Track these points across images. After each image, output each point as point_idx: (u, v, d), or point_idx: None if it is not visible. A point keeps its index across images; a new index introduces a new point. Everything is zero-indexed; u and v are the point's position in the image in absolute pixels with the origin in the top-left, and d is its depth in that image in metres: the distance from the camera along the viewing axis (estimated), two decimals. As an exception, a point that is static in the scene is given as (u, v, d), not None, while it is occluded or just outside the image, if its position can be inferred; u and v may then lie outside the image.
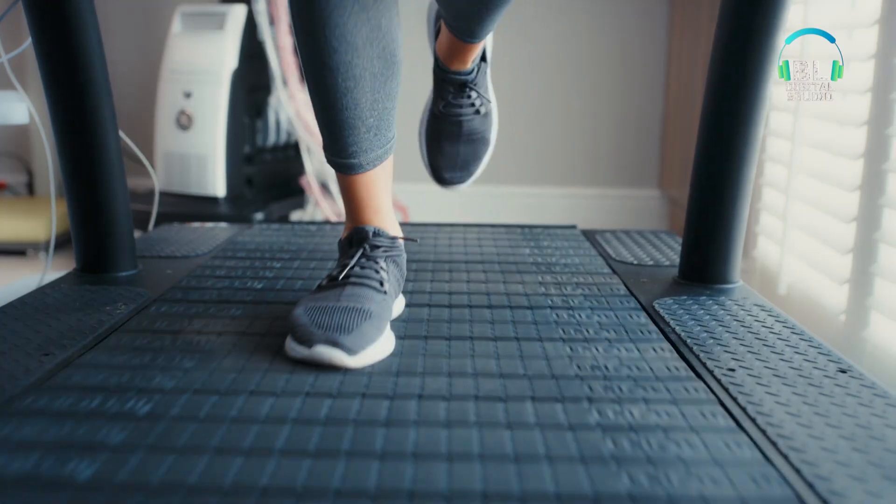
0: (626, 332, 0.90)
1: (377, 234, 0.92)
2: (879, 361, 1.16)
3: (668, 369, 0.79)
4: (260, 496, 0.56)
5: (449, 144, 1.18)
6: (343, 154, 0.92)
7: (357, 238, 0.93)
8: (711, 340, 0.88)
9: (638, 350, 0.85)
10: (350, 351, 0.79)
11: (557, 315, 0.96)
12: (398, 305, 0.98)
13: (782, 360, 0.82)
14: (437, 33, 1.21)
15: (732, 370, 0.79)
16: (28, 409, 0.68)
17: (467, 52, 1.13)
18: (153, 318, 0.93)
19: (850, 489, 0.57)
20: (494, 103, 1.20)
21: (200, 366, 0.78)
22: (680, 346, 0.86)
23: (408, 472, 0.59)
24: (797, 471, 0.60)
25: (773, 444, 0.64)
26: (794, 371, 0.79)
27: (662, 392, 0.74)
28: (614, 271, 1.18)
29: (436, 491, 0.57)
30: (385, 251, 0.92)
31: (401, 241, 0.96)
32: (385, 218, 0.95)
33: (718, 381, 0.77)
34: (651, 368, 0.80)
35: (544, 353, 0.83)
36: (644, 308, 1.00)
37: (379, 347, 0.82)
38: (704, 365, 0.81)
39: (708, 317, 0.96)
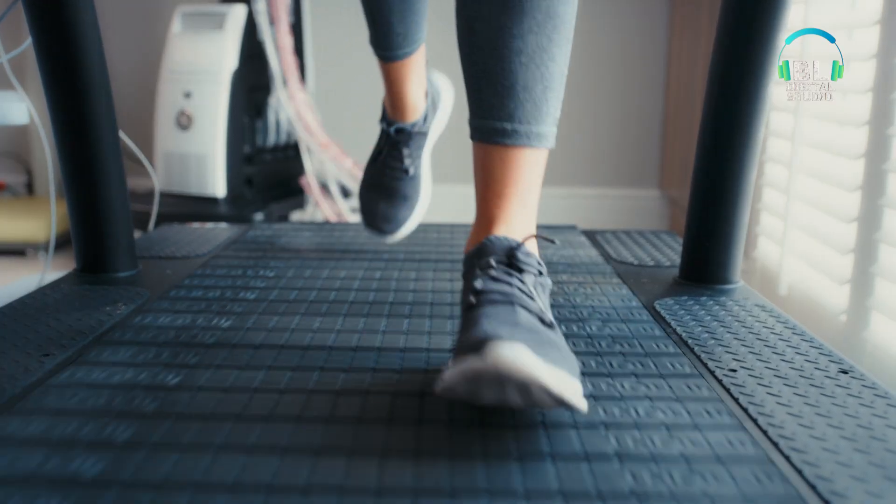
0: (630, 332, 0.90)
1: (400, 130, 1.15)
2: (880, 362, 1.16)
3: (672, 367, 0.79)
4: (267, 492, 0.55)
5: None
6: (379, 48, 1.10)
7: (385, 132, 1.18)
8: (713, 341, 0.88)
9: (642, 349, 0.85)
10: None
11: (559, 312, 0.96)
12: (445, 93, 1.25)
13: (783, 360, 0.82)
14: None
15: (734, 371, 0.79)
16: (28, 410, 0.68)
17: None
18: (153, 318, 0.93)
19: (852, 490, 0.57)
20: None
21: (202, 365, 0.78)
22: (681, 347, 0.86)
23: (408, 472, 0.59)
24: (799, 471, 0.60)
25: (775, 444, 0.64)
26: (795, 372, 0.79)
27: (665, 390, 0.74)
28: (615, 272, 1.18)
29: (440, 488, 0.56)
30: (408, 136, 1.15)
31: (422, 116, 1.17)
32: (410, 99, 1.15)
33: (720, 381, 0.77)
34: (655, 367, 0.79)
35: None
36: (645, 308, 1.00)
37: (412, 222, 1.19)
38: (706, 365, 0.81)
39: (709, 317, 0.96)
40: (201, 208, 2.10)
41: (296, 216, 2.36)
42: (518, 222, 0.78)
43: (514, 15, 0.76)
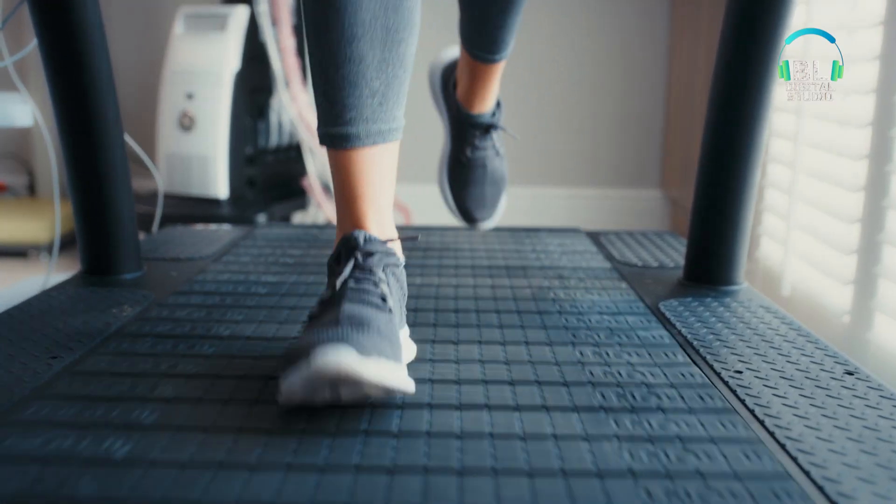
0: (637, 335, 0.90)
1: (369, 239, 0.77)
2: (883, 363, 1.16)
3: (682, 375, 0.79)
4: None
5: (476, 188, 1.27)
6: (339, 120, 0.78)
7: (346, 248, 0.77)
8: (718, 342, 0.88)
9: (649, 354, 0.84)
10: (362, 351, 0.64)
11: (566, 319, 0.96)
12: (407, 346, 0.81)
13: (789, 362, 0.83)
14: (446, 87, 1.30)
15: (739, 372, 0.79)
16: (36, 413, 0.68)
17: (489, 83, 1.22)
18: (159, 320, 0.93)
19: (859, 491, 0.57)
20: (504, 154, 1.30)
21: (206, 370, 0.78)
22: (686, 349, 0.86)
23: (418, 485, 0.59)
24: (806, 473, 0.60)
25: (782, 446, 0.64)
26: (801, 373, 0.80)
27: (677, 400, 0.74)
28: (619, 273, 1.18)
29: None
30: (382, 259, 0.77)
31: (398, 251, 0.82)
32: (382, 216, 0.81)
33: (726, 383, 0.77)
34: (662, 372, 0.80)
35: (555, 358, 0.83)
36: (650, 310, 1.00)
37: (395, 371, 0.67)
38: (711, 367, 0.81)
39: (713, 319, 0.96)
40: (203, 209, 2.10)
41: (298, 217, 2.36)
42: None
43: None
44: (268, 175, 2.29)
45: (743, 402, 0.73)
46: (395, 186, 0.84)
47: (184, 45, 2.16)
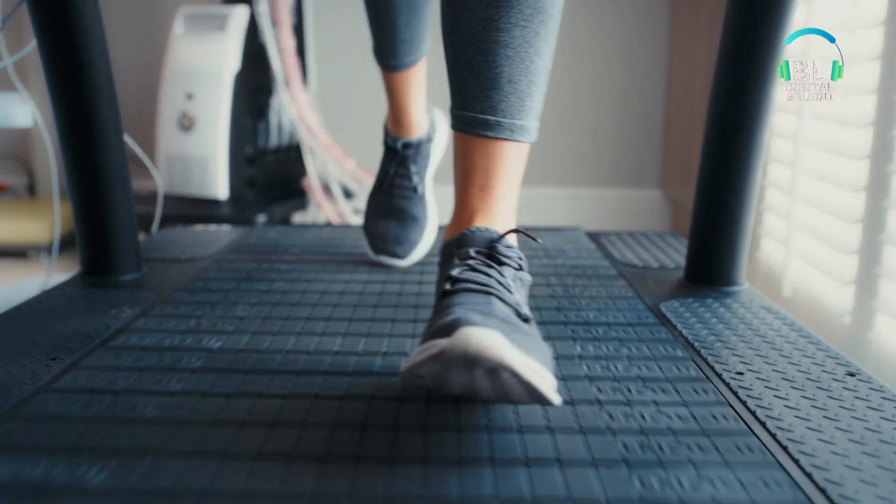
0: (638, 336, 0.90)
1: (407, 145, 1.17)
2: (884, 363, 1.16)
3: (683, 377, 0.79)
4: (275, 499, 0.55)
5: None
6: (384, 57, 1.12)
7: (391, 149, 1.20)
8: (719, 343, 0.88)
9: (650, 353, 0.84)
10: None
11: (564, 315, 0.96)
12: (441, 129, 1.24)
13: (790, 363, 0.82)
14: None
15: (741, 374, 0.79)
16: (36, 414, 0.68)
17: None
18: (159, 321, 0.93)
19: (861, 493, 0.57)
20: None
21: (207, 369, 0.78)
22: (687, 349, 0.86)
23: (416, 480, 0.59)
24: (808, 475, 0.60)
25: (784, 448, 0.64)
26: (802, 374, 0.79)
27: (672, 395, 0.74)
28: (620, 274, 1.18)
29: (447, 495, 0.56)
30: (416, 151, 1.17)
31: (426, 134, 1.20)
32: (414, 114, 1.18)
33: (727, 384, 0.77)
34: (661, 371, 0.79)
35: (555, 354, 0.83)
36: (651, 311, 1.00)
37: (423, 245, 1.19)
38: (713, 368, 0.81)
39: (714, 319, 0.96)
40: (203, 210, 2.10)
41: (298, 217, 2.36)
42: (499, 215, 0.78)
43: (500, 7, 0.75)
44: (268, 175, 2.28)
45: (744, 403, 0.72)
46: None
47: (184, 45, 2.16)
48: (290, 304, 1.01)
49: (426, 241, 1.23)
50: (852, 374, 0.79)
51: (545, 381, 0.58)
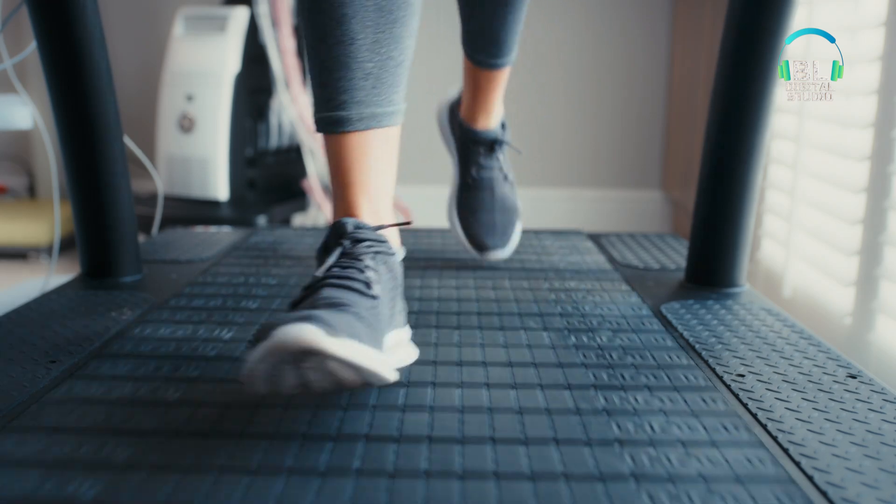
0: (639, 338, 0.90)
1: (358, 226, 0.75)
2: (885, 365, 1.16)
3: (685, 378, 0.79)
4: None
5: (485, 213, 1.20)
6: (331, 104, 0.76)
7: (335, 235, 0.75)
8: (720, 345, 0.88)
9: (653, 359, 0.84)
10: (329, 328, 0.59)
11: (567, 322, 0.96)
12: (407, 348, 0.79)
13: (791, 364, 0.82)
14: (452, 116, 1.27)
15: (742, 376, 0.79)
16: (36, 417, 0.68)
17: (491, 94, 1.18)
18: (159, 323, 0.93)
19: (863, 496, 0.57)
20: (514, 182, 1.25)
21: (208, 373, 0.78)
22: (688, 351, 0.86)
23: (419, 492, 0.59)
24: (809, 477, 0.60)
25: (785, 450, 0.64)
26: (803, 376, 0.79)
27: (680, 403, 0.73)
28: (621, 275, 1.18)
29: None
30: (371, 246, 0.74)
31: (391, 239, 0.80)
32: (377, 204, 0.79)
33: (728, 386, 0.76)
34: (665, 374, 0.79)
35: (558, 361, 0.83)
36: (652, 312, 1.00)
37: (368, 352, 0.62)
38: (713, 370, 0.81)
39: (715, 321, 0.96)
40: (203, 211, 2.10)
41: (298, 219, 2.36)
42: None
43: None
44: (268, 177, 2.28)
45: (745, 405, 0.72)
46: (397, 188, 0.83)
47: (183, 46, 2.16)
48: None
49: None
50: (853, 377, 0.79)
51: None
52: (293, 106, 2.18)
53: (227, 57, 2.12)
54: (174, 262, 1.23)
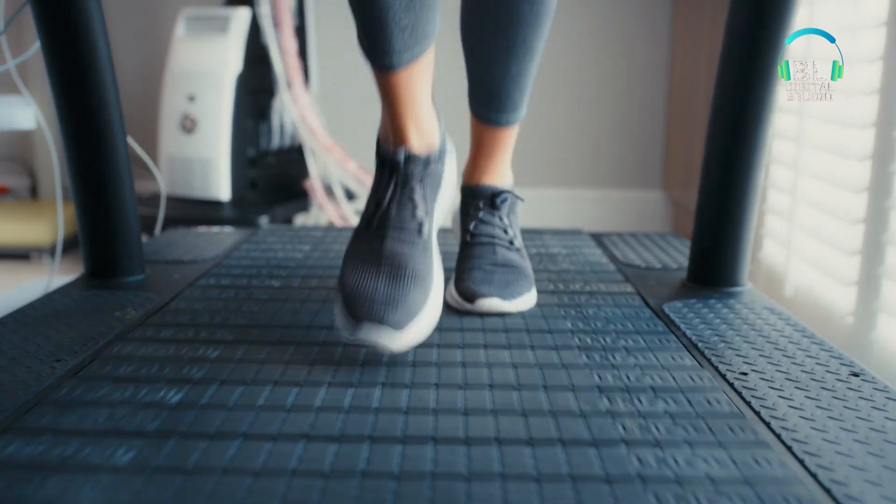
0: (641, 338, 0.90)
1: (409, 158, 0.86)
2: (886, 364, 1.16)
3: (689, 379, 0.79)
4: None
5: (481, 270, 1.00)
6: (375, 52, 0.82)
7: (389, 164, 0.86)
8: (722, 344, 0.88)
9: (654, 356, 0.84)
10: (396, 325, 0.79)
11: (572, 324, 0.96)
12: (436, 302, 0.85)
13: (794, 363, 0.82)
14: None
15: (745, 374, 0.79)
16: (40, 417, 0.68)
17: (496, 155, 1.06)
18: (162, 324, 0.93)
19: (866, 493, 0.57)
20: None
21: (210, 374, 0.78)
22: (691, 351, 0.86)
23: (425, 494, 0.59)
24: (813, 475, 0.60)
25: (789, 448, 0.64)
26: (806, 375, 0.79)
27: (683, 404, 0.74)
28: (623, 275, 1.18)
29: None
30: (420, 172, 0.87)
31: (437, 136, 0.90)
32: (421, 122, 0.87)
33: (731, 385, 0.77)
34: (670, 374, 0.79)
35: (561, 362, 0.83)
36: (654, 312, 1.00)
37: (427, 318, 0.82)
38: (717, 369, 0.81)
39: (718, 320, 0.96)
40: (205, 212, 2.10)
41: (300, 219, 2.36)
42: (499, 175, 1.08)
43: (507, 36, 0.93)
44: (270, 177, 2.29)
45: (749, 404, 0.72)
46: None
47: (185, 47, 2.16)
48: (292, 312, 0.99)
49: (429, 313, 0.84)
50: (856, 375, 0.79)
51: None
52: (295, 106, 2.19)
53: (229, 57, 2.12)
54: (177, 263, 1.23)
